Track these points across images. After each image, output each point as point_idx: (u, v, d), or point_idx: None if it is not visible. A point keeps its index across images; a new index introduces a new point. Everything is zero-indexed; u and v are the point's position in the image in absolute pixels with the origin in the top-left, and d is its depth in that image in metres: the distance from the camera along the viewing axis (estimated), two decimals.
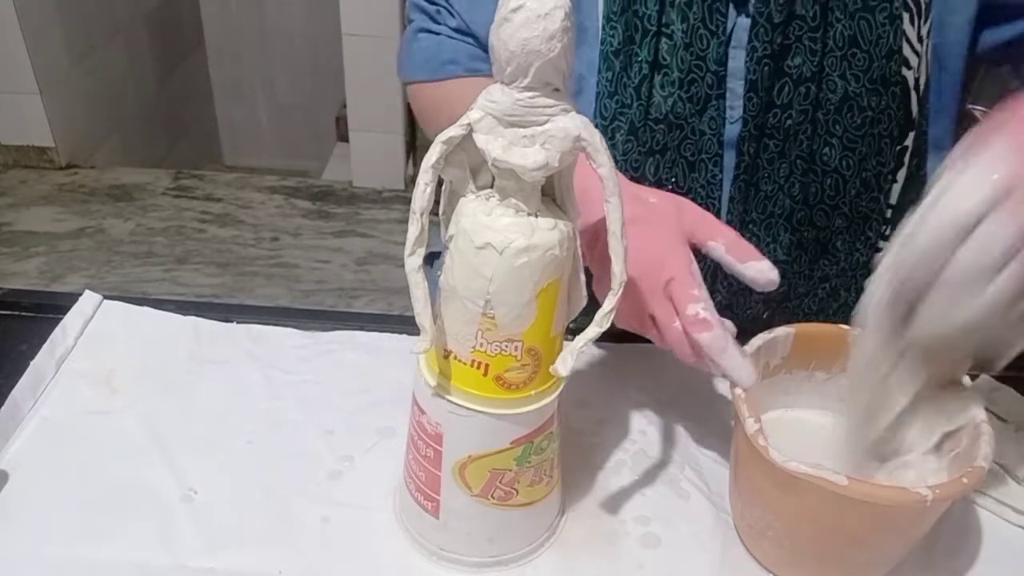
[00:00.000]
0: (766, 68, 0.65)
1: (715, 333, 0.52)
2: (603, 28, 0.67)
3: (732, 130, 0.68)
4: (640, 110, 0.68)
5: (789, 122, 0.67)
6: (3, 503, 0.57)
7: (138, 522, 0.56)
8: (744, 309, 0.73)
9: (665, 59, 0.66)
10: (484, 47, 0.75)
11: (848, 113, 0.67)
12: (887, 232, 0.72)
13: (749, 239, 0.64)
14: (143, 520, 0.56)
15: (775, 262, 0.73)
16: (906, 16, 0.64)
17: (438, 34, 0.76)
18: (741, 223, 0.71)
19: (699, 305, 0.53)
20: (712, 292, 0.55)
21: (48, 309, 0.72)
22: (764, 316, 0.75)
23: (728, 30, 0.66)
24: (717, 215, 0.71)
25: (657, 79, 0.67)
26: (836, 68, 0.65)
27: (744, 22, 0.65)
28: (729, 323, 0.55)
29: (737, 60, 0.66)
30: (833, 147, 0.68)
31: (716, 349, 0.52)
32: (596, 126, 0.67)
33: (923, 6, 0.65)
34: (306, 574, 0.54)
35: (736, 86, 0.67)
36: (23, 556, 0.53)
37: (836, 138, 0.68)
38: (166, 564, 0.53)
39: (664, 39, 0.66)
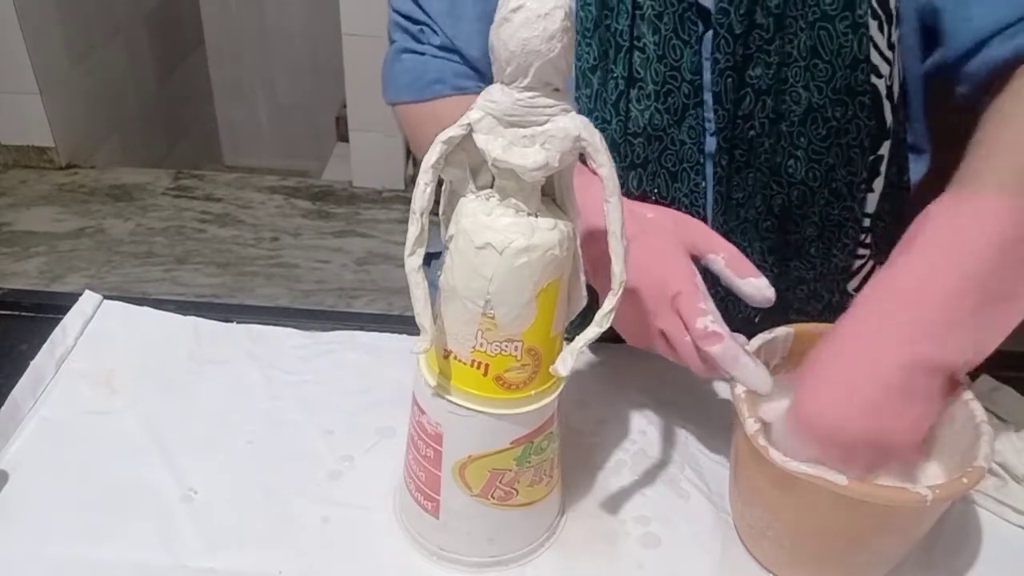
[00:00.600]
0: (729, 80, 0.64)
1: (726, 345, 0.52)
2: (578, 45, 0.66)
3: (711, 141, 0.68)
4: (620, 125, 0.68)
5: (752, 133, 0.66)
6: (3, 503, 0.57)
7: (138, 522, 0.56)
8: (735, 313, 0.73)
9: (639, 72, 0.66)
10: (469, 64, 0.74)
11: (812, 125, 0.65)
12: (866, 240, 0.71)
13: None
14: (143, 520, 0.56)
15: None
16: (874, 24, 0.62)
17: (422, 54, 0.76)
18: (724, 231, 0.71)
19: (707, 318, 0.53)
20: None
21: (48, 309, 0.72)
22: (756, 319, 0.75)
23: (700, 36, 0.65)
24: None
25: (633, 93, 0.67)
26: (799, 79, 0.64)
27: (708, 34, 0.65)
28: (741, 337, 0.55)
29: (707, 72, 0.66)
30: (798, 159, 0.67)
31: (728, 360, 0.52)
32: None
33: (893, 12, 0.63)
34: (306, 574, 0.54)
35: (709, 97, 0.67)
36: (23, 556, 0.53)
37: (801, 150, 0.66)
38: (166, 564, 0.53)
39: (637, 53, 0.65)
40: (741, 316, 0.73)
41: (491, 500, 0.52)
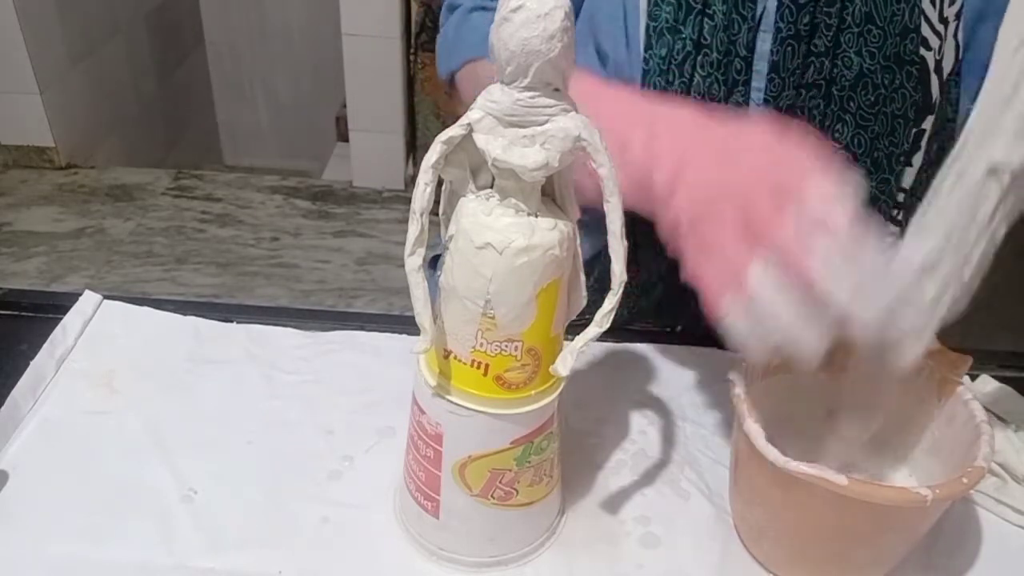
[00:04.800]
0: (790, 48, 0.66)
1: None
2: (655, 6, 0.67)
3: (755, 111, 0.69)
4: (682, 87, 0.68)
5: (808, 101, 0.68)
6: (3, 503, 0.57)
7: (138, 522, 0.56)
8: None
9: (706, 39, 0.67)
10: None
11: (862, 90, 0.67)
12: (898, 216, 0.72)
13: None
14: (143, 520, 0.56)
15: None
16: None
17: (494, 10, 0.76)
18: None
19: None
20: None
21: (48, 309, 0.72)
22: None
23: (758, 15, 0.66)
24: None
25: (699, 58, 0.68)
26: (852, 44, 0.66)
27: (772, 4, 0.66)
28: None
29: (765, 43, 0.67)
30: (846, 123, 0.69)
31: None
32: None
33: None
34: (306, 574, 0.54)
35: (762, 68, 0.68)
36: (23, 556, 0.53)
37: (849, 115, 0.68)
38: (166, 564, 0.53)
39: (707, 19, 0.67)
40: None
41: (491, 500, 0.52)
